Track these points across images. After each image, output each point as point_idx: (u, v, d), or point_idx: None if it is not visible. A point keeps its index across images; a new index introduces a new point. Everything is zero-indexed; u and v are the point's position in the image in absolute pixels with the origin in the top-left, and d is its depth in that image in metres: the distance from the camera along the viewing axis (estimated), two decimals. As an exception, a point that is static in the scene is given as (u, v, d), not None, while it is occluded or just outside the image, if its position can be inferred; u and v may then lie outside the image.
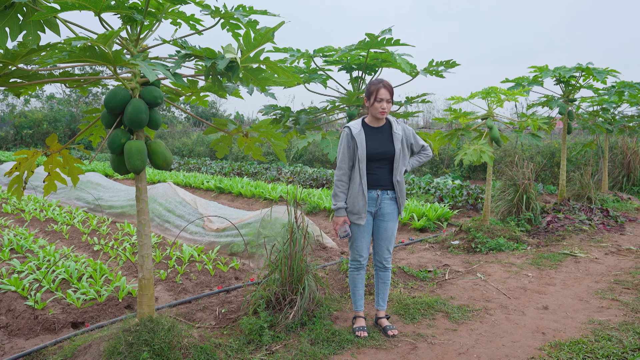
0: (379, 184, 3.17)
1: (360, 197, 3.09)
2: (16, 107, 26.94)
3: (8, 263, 4.83)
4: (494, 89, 5.46)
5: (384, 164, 3.16)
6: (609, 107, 8.08)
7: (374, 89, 3.08)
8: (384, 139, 3.16)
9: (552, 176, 11.46)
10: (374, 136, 3.14)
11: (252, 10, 2.69)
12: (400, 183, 3.20)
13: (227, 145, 3.39)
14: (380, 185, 3.17)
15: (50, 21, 2.44)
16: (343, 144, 3.13)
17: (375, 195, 3.17)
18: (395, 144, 3.15)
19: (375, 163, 3.14)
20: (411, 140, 3.27)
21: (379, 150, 3.12)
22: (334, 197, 3.16)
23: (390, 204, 3.21)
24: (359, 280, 3.34)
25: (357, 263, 3.30)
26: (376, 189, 3.17)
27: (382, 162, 3.16)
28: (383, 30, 3.53)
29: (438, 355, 2.97)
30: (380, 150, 3.13)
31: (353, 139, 3.09)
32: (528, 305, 3.74)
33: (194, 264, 4.88)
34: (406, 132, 3.25)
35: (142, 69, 2.20)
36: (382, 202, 3.19)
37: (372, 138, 3.13)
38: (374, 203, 3.18)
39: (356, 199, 3.10)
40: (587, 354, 2.86)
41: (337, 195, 3.15)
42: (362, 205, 3.10)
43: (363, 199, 3.10)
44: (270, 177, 12.36)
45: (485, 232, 5.63)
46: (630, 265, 4.72)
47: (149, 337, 2.73)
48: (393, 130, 3.19)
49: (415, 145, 3.31)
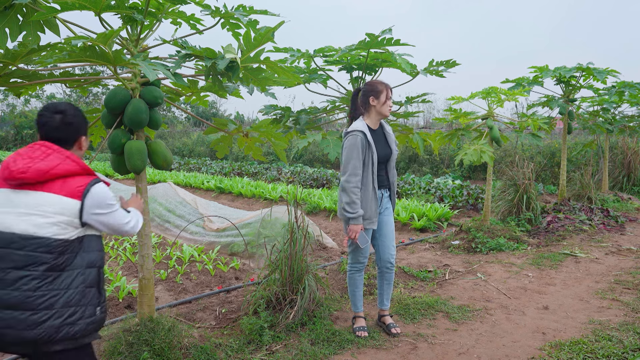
0: (382, 184, 3.20)
1: (373, 201, 3.06)
2: (16, 107, 26.97)
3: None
4: (494, 89, 5.46)
5: (383, 165, 3.19)
6: (610, 107, 8.08)
7: (382, 88, 3.05)
8: (383, 141, 3.17)
9: (552, 176, 11.46)
10: (376, 139, 3.13)
11: (252, 10, 2.69)
12: (394, 182, 3.26)
13: (227, 145, 3.39)
14: (383, 185, 3.21)
15: (50, 21, 2.45)
16: (358, 149, 2.96)
17: (380, 196, 3.18)
18: (391, 145, 3.19)
19: (378, 165, 3.14)
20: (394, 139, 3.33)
21: (384, 152, 3.13)
22: (351, 205, 2.97)
23: (387, 201, 3.26)
24: (360, 281, 3.32)
25: (360, 265, 3.27)
26: (380, 189, 3.19)
27: (382, 164, 3.18)
28: (383, 30, 3.53)
29: (438, 355, 2.97)
30: (385, 153, 3.14)
31: (368, 143, 3.02)
32: (528, 305, 3.74)
33: (194, 264, 4.88)
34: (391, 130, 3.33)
35: (143, 69, 2.20)
36: (383, 200, 3.23)
37: (376, 141, 3.11)
38: (379, 204, 3.19)
39: (369, 203, 3.05)
40: (587, 354, 2.86)
41: (354, 202, 2.97)
42: (375, 209, 3.08)
43: (375, 202, 3.08)
44: (271, 177, 12.36)
45: (485, 232, 5.63)
46: (630, 265, 4.72)
47: (149, 337, 2.73)
48: (386, 131, 3.22)
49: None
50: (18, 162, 1.72)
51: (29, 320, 1.66)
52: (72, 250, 1.77)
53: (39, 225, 1.71)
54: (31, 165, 1.72)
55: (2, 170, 1.74)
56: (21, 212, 1.71)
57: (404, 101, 4.40)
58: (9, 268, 1.68)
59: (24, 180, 1.72)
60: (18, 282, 1.67)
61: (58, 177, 1.76)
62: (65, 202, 1.74)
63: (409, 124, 11.42)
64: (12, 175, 1.71)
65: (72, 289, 1.75)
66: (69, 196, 1.75)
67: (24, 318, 1.66)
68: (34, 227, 1.70)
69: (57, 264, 1.72)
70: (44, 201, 1.72)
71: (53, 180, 1.76)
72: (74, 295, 1.75)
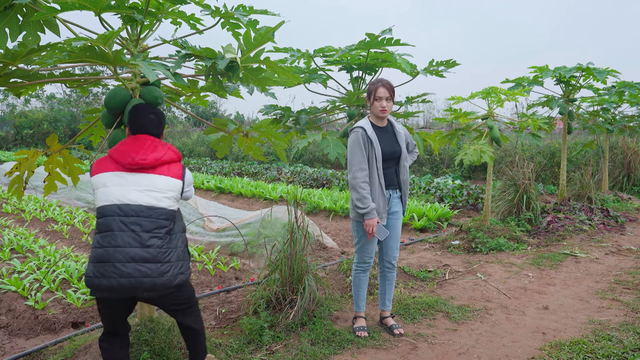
0: (390, 183, 3.16)
1: (380, 197, 3.05)
2: (16, 107, 26.93)
3: (8, 263, 4.83)
4: (494, 89, 5.46)
5: (392, 163, 3.16)
6: (609, 107, 8.07)
7: (372, 88, 3.07)
8: (390, 139, 3.15)
9: (552, 176, 11.46)
10: (382, 136, 3.12)
11: (252, 10, 2.69)
12: (406, 182, 3.21)
13: (227, 145, 3.39)
14: (391, 184, 3.17)
15: (50, 21, 2.44)
16: (360, 145, 3.00)
17: (388, 195, 3.15)
18: (400, 144, 3.16)
19: (385, 163, 3.11)
20: (408, 139, 3.32)
21: (390, 150, 3.11)
22: (362, 201, 2.98)
23: (397, 203, 3.22)
24: (364, 281, 3.31)
25: (365, 265, 3.25)
26: (388, 189, 3.16)
27: (390, 162, 3.15)
28: (383, 30, 3.53)
29: (438, 355, 2.97)
30: (392, 150, 3.12)
31: (368, 138, 3.03)
32: (528, 305, 3.74)
33: (194, 264, 4.88)
34: (405, 131, 3.29)
35: (142, 69, 2.20)
36: (392, 201, 3.19)
37: (381, 138, 3.10)
38: (387, 204, 3.16)
39: (377, 200, 3.05)
40: (587, 354, 2.86)
41: (364, 197, 2.98)
42: (383, 205, 3.07)
43: (383, 198, 3.07)
44: (271, 177, 12.36)
45: (485, 232, 5.63)
46: (630, 265, 4.72)
47: (149, 337, 2.73)
48: (396, 130, 3.20)
49: (410, 144, 3.35)
50: (139, 153, 2.26)
51: (159, 270, 2.15)
52: (175, 218, 2.31)
53: (158, 199, 2.24)
54: (148, 155, 2.27)
55: (123, 157, 2.24)
56: (143, 189, 2.22)
57: (404, 101, 4.40)
58: (141, 231, 2.16)
59: (144, 166, 2.25)
60: (149, 242, 2.16)
61: (165, 163, 2.32)
62: (173, 182, 2.31)
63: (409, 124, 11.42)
64: (135, 162, 2.23)
65: (179, 248, 2.27)
66: (175, 177, 2.32)
67: (156, 269, 2.15)
68: (155, 200, 2.22)
69: (170, 228, 2.25)
70: (159, 181, 2.26)
71: (161, 165, 2.30)
72: (180, 252, 2.27)
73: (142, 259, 2.13)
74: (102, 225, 2.18)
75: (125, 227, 2.15)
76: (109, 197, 2.20)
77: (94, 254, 2.16)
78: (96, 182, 2.25)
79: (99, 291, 2.16)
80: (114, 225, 2.15)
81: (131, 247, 2.13)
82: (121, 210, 2.17)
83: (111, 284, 2.11)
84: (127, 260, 2.11)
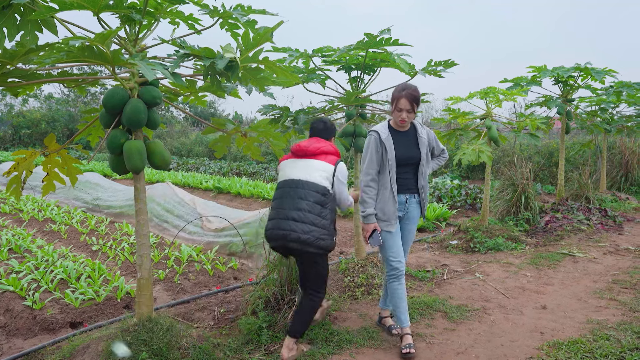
0: (407, 188, 3.11)
1: (391, 202, 3.01)
2: (14, 107, 26.85)
3: (6, 263, 4.82)
4: (492, 89, 5.47)
5: (410, 168, 3.11)
6: (607, 107, 8.09)
7: (396, 96, 2.98)
8: (410, 144, 3.10)
9: (550, 176, 11.47)
10: (401, 140, 3.07)
11: (250, 10, 2.69)
12: (424, 188, 3.15)
13: (225, 145, 3.39)
14: (408, 189, 3.12)
15: (48, 21, 2.44)
16: (371, 148, 3.01)
17: (404, 199, 3.11)
18: (421, 149, 3.10)
19: (402, 168, 3.07)
20: (433, 144, 3.24)
21: (406, 155, 3.06)
22: (362, 204, 3.03)
23: (416, 208, 3.18)
24: (402, 291, 3.07)
25: (397, 271, 3.06)
26: (405, 193, 3.11)
27: (408, 167, 3.10)
28: (382, 30, 3.53)
29: (437, 354, 2.97)
30: (408, 155, 3.06)
31: (382, 143, 3.01)
32: (526, 305, 3.74)
33: (193, 264, 4.88)
34: (429, 135, 3.21)
35: (141, 69, 2.19)
36: (409, 206, 3.15)
37: (399, 142, 3.05)
38: (402, 207, 3.12)
39: (386, 205, 3.01)
40: (585, 354, 2.87)
41: (365, 201, 3.01)
42: (393, 211, 3.02)
43: (394, 204, 3.02)
44: (269, 177, 12.35)
45: (483, 232, 5.64)
46: (628, 264, 4.73)
47: (147, 337, 2.72)
48: (418, 134, 3.13)
49: (436, 149, 3.27)
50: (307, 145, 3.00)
51: (306, 228, 2.80)
52: (329, 197, 2.91)
53: (318, 178, 2.90)
54: (310, 145, 3.01)
55: (296, 149, 3.01)
56: (309, 171, 2.92)
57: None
58: (304, 201, 2.84)
59: (307, 153, 2.99)
60: (308, 208, 2.84)
61: (323, 153, 3.00)
62: (328, 166, 2.94)
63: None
64: (302, 150, 3.00)
65: (326, 220, 2.88)
66: (329, 163, 2.95)
67: (304, 227, 2.80)
68: (316, 179, 2.90)
69: (324, 201, 2.88)
70: (318, 165, 2.94)
71: (320, 154, 2.99)
72: (326, 223, 2.88)
73: (300, 219, 2.81)
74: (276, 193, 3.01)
75: (288, 195, 2.89)
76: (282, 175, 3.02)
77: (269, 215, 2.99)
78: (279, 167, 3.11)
79: (270, 240, 2.92)
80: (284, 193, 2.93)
81: (289, 209, 2.85)
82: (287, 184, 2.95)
83: (274, 234, 2.86)
84: (284, 218, 2.84)
